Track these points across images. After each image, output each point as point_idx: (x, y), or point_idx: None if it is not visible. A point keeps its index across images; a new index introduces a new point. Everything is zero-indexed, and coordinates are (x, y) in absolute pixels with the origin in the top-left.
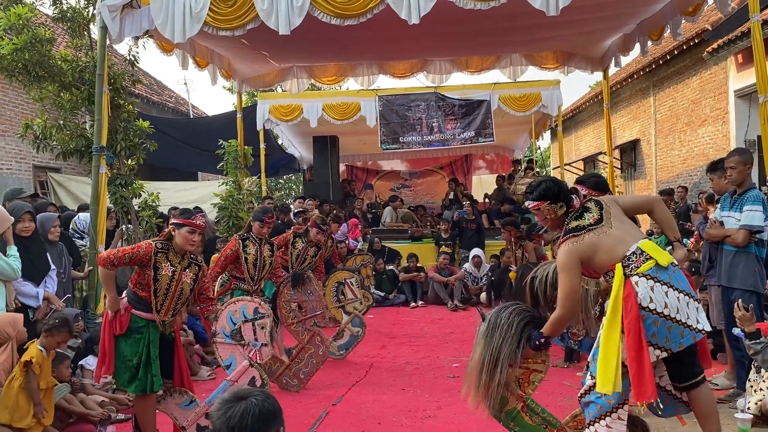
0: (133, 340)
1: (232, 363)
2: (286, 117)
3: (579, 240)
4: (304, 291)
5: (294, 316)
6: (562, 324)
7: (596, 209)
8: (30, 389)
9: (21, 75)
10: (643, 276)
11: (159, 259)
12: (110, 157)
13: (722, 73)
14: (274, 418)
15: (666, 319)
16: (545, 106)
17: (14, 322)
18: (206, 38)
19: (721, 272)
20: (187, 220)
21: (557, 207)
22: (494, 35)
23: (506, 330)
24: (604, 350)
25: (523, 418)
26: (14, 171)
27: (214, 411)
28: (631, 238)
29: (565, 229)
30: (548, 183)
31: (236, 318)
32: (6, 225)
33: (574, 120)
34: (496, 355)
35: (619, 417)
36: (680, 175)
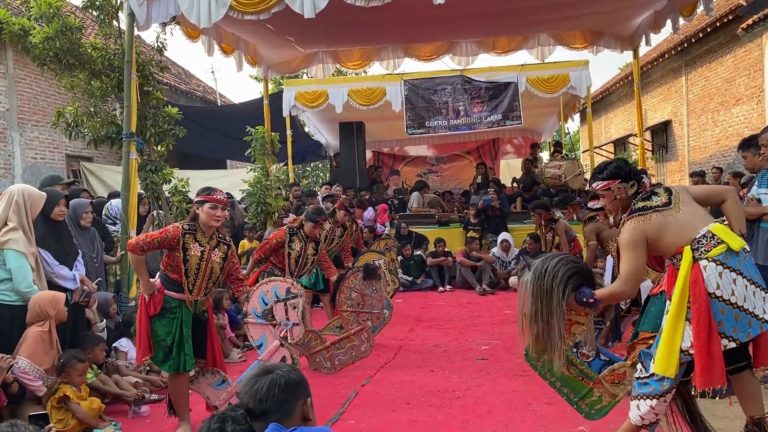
0: (167, 320)
1: (263, 343)
2: (311, 103)
3: (646, 219)
4: (370, 286)
5: (350, 305)
6: (620, 298)
7: (665, 194)
8: (82, 418)
9: (52, 63)
10: (712, 261)
11: (187, 240)
12: (140, 143)
13: (757, 50)
14: (301, 388)
15: (733, 308)
16: (574, 88)
17: (55, 302)
18: (231, 24)
19: (757, 251)
20: (208, 196)
21: (628, 186)
22: (521, 14)
23: (553, 279)
24: (669, 334)
25: (562, 369)
26: (48, 160)
27: (242, 386)
28: (701, 221)
29: (631, 209)
30: (619, 162)
31: (268, 298)
32: (40, 204)
33: (604, 102)
34: (548, 304)
35: (665, 400)
36: (713, 156)
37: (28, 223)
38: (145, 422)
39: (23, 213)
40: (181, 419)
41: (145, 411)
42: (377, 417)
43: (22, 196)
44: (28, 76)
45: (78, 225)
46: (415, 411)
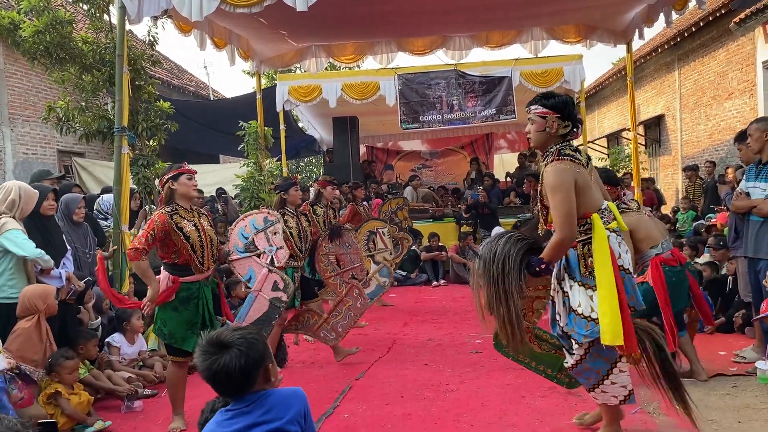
0: (193, 305)
1: (251, 275)
2: (305, 98)
3: (576, 167)
4: (342, 244)
5: (332, 270)
6: (563, 248)
7: (584, 158)
8: (71, 414)
9: (43, 57)
10: (612, 231)
11: (176, 220)
12: (132, 138)
13: (750, 44)
14: (260, 360)
15: (630, 276)
16: (567, 82)
17: (45, 296)
18: (224, 18)
19: (747, 243)
20: (180, 169)
21: (562, 125)
22: (515, 8)
23: (504, 262)
24: (607, 302)
25: (532, 347)
26: (39, 156)
27: (198, 358)
28: (603, 196)
29: (558, 150)
30: (569, 100)
31: (247, 232)
32: (33, 201)
33: (597, 97)
34: (502, 290)
35: (619, 369)
36: (706, 150)
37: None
38: (138, 417)
39: (17, 210)
40: (175, 412)
41: (138, 406)
42: (371, 411)
43: (18, 194)
44: (19, 70)
45: (71, 220)
46: (409, 404)
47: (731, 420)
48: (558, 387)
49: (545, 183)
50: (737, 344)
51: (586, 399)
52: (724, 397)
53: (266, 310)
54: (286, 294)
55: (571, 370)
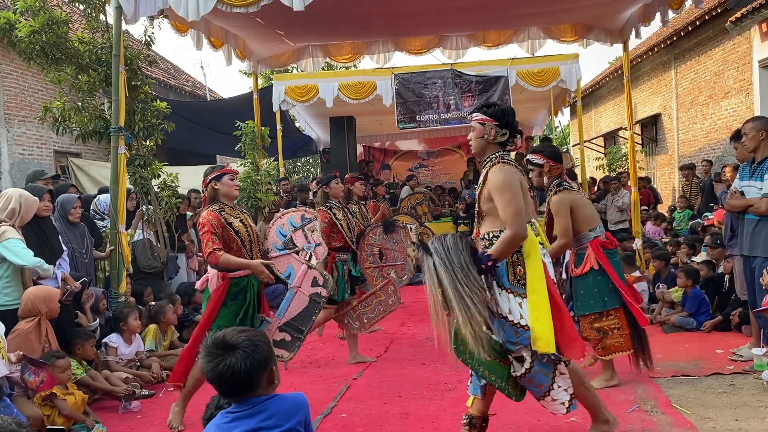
0: (241, 300)
1: (291, 272)
2: (302, 98)
3: (520, 172)
4: (390, 239)
5: (372, 261)
6: (514, 244)
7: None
8: (68, 415)
9: (39, 58)
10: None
11: (224, 217)
12: (129, 138)
13: (746, 43)
14: (266, 363)
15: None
16: (564, 81)
17: (48, 299)
18: (220, 17)
19: (742, 241)
20: (223, 169)
21: (500, 132)
22: (511, 7)
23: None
24: (539, 309)
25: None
26: (36, 156)
27: (204, 360)
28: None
29: (501, 156)
30: (509, 109)
31: (285, 230)
32: (33, 209)
33: (594, 96)
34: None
35: (560, 372)
36: (703, 149)
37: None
38: (135, 418)
39: (16, 218)
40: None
41: (136, 406)
42: (369, 410)
43: (18, 202)
44: (15, 71)
45: (67, 221)
46: (406, 404)
47: (728, 418)
48: None
49: (490, 184)
50: (734, 342)
51: None
52: (721, 395)
53: (306, 306)
54: (326, 289)
55: (521, 380)
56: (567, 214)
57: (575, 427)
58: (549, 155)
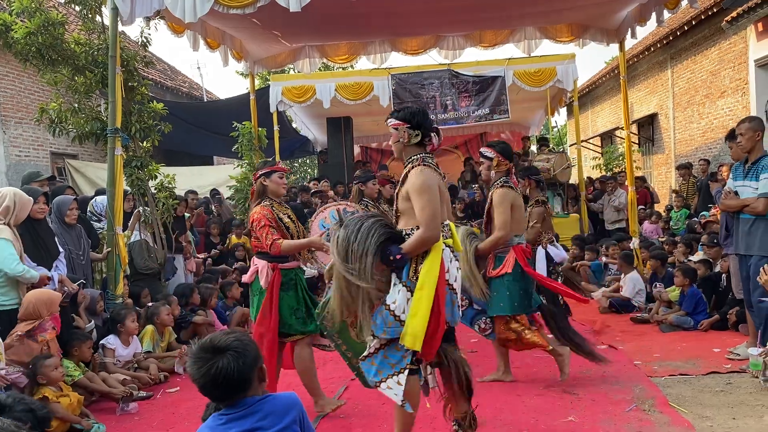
0: (292, 291)
1: None
2: (299, 98)
3: (438, 175)
4: None
5: None
6: (425, 246)
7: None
8: (63, 417)
9: (35, 59)
10: (447, 246)
11: (276, 212)
12: (125, 139)
13: (742, 42)
14: (254, 363)
15: (453, 293)
16: (560, 81)
17: (50, 303)
18: (217, 18)
19: (738, 241)
20: (275, 167)
21: (413, 134)
22: (507, 7)
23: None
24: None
25: (350, 333)
26: (32, 158)
27: (192, 364)
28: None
29: (422, 158)
30: (417, 109)
31: (327, 223)
32: (28, 208)
33: (591, 96)
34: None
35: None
36: (699, 148)
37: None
38: (133, 419)
39: (11, 217)
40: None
41: (133, 408)
42: (367, 410)
43: (13, 201)
44: (11, 72)
45: (63, 222)
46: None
47: (726, 417)
48: (554, 385)
49: (409, 185)
50: (731, 341)
51: (581, 398)
52: (719, 394)
53: None
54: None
55: (362, 361)
56: (508, 209)
57: (573, 427)
58: (499, 150)
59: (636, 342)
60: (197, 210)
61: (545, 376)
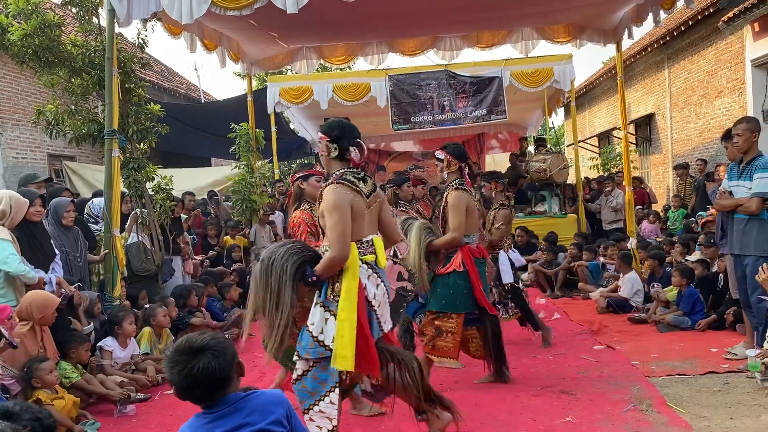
0: None
1: None
2: (296, 99)
3: (352, 191)
4: None
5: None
6: (334, 265)
7: (370, 187)
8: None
9: (31, 61)
10: (365, 263)
11: (315, 215)
12: (122, 141)
13: (738, 42)
14: (232, 360)
15: (372, 310)
16: (558, 82)
17: (43, 306)
18: (214, 20)
19: (732, 241)
20: (312, 170)
21: (332, 148)
22: (504, 8)
23: (281, 270)
24: (346, 330)
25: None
26: (29, 160)
27: (168, 365)
28: (373, 230)
29: (339, 175)
30: (337, 123)
31: None
32: (24, 210)
33: (588, 96)
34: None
35: (331, 401)
36: (696, 148)
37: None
38: (131, 422)
39: (7, 219)
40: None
41: (131, 410)
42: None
43: (9, 203)
44: (8, 74)
45: (60, 224)
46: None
47: (723, 417)
48: (551, 385)
49: (323, 204)
50: (729, 341)
51: (579, 398)
52: (716, 394)
53: (393, 300)
54: (411, 283)
55: (294, 384)
56: (463, 211)
57: (571, 427)
58: (450, 151)
59: (634, 342)
60: (194, 211)
61: (543, 377)
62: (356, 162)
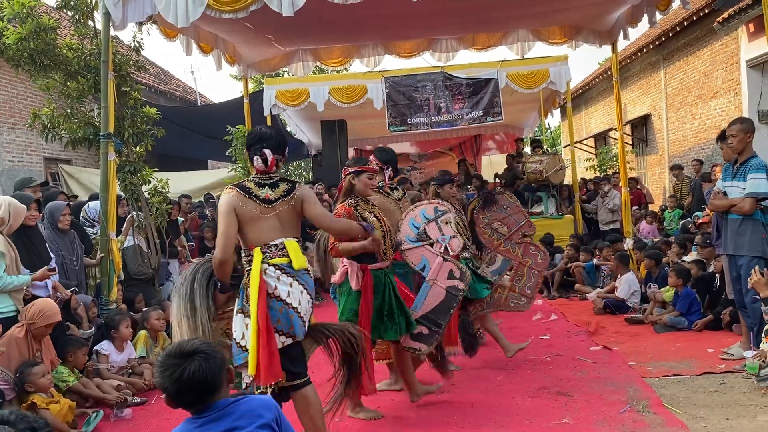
0: (380, 293)
1: (425, 264)
2: (292, 102)
3: (239, 197)
4: (500, 208)
5: (498, 237)
6: (219, 267)
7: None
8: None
9: (27, 65)
10: (272, 265)
11: (360, 212)
12: (118, 144)
13: (733, 43)
14: (223, 365)
15: (288, 308)
16: (554, 83)
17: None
18: (210, 23)
19: (727, 241)
20: (364, 166)
21: (246, 154)
22: (500, 9)
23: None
24: (252, 334)
25: None
26: (25, 163)
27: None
28: (283, 233)
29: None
30: (251, 132)
31: (418, 222)
32: (22, 217)
33: (584, 97)
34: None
35: None
36: (692, 148)
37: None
38: (127, 425)
39: (5, 227)
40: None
41: (128, 414)
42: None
43: (8, 211)
44: (3, 78)
45: (56, 228)
46: (400, 407)
47: (719, 417)
48: (548, 387)
49: None
50: (725, 341)
51: (576, 399)
52: (713, 394)
53: (443, 299)
54: (463, 282)
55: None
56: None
57: (568, 429)
58: (376, 154)
59: (630, 343)
60: (191, 214)
61: (540, 378)
62: (259, 170)
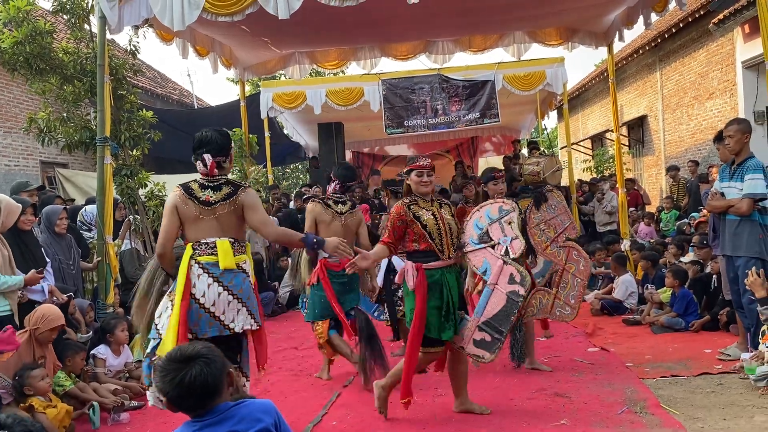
0: (438, 292)
1: (487, 268)
2: (289, 104)
3: (184, 199)
4: (549, 208)
5: (547, 239)
6: (160, 259)
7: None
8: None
9: (23, 68)
10: (197, 263)
11: (414, 210)
12: (114, 148)
13: (729, 44)
14: (223, 369)
15: (200, 307)
16: (550, 84)
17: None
18: (206, 26)
19: (724, 242)
20: (412, 164)
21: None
22: (496, 12)
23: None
24: (173, 322)
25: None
26: (22, 167)
27: (163, 379)
28: (221, 234)
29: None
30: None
31: (482, 223)
32: (16, 215)
33: (581, 99)
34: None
35: None
36: (689, 149)
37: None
38: (125, 429)
39: None
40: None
41: (125, 418)
42: (360, 417)
43: (1, 207)
44: None
45: (53, 232)
46: (398, 410)
47: (717, 418)
48: (546, 388)
49: None
50: (722, 342)
51: (573, 400)
52: (710, 395)
53: (504, 305)
54: (524, 287)
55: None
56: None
57: (565, 430)
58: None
59: (628, 344)
60: None
61: (537, 380)
62: (201, 173)
